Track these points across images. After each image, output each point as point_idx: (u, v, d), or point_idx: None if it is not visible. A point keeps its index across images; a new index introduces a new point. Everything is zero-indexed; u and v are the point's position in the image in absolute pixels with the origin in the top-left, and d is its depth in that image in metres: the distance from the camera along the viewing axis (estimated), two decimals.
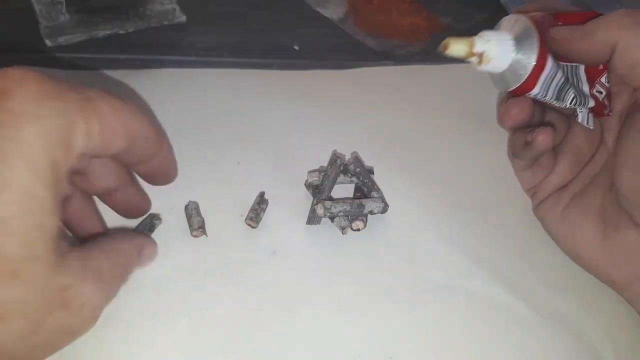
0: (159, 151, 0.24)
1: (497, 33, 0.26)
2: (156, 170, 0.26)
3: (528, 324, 0.29)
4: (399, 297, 0.29)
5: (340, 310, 0.28)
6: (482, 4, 0.52)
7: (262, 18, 0.47)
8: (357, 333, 0.27)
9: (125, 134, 0.21)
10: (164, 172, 0.26)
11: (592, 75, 0.27)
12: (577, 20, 0.26)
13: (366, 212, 0.31)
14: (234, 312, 0.27)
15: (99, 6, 0.43)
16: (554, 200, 0.31)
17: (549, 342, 0.28)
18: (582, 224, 0.29)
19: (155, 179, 0.27)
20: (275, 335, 0.27)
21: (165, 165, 0.26)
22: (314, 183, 0.33)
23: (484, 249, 0.32)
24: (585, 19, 0.26)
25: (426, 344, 0.27)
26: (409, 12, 0.50)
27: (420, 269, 0.30)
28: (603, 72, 0.27)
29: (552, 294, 0.30)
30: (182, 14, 0.45)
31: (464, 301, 0.29)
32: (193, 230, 0.30)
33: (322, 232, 0.32)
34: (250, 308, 0.28)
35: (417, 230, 0.32)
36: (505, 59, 0.26)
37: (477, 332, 0.28)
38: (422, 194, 0.34)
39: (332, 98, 0.40)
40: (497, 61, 0.26)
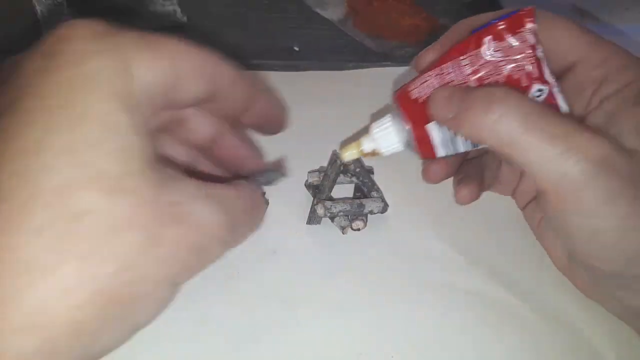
0: (255, 97, 0.24)
1: (380, 124, 0.26)
2: (261, 118, 0.25)
3: (528, 324, 0.29)
4: (400, 296, 0.29)
5: (341, 310, 0.28)
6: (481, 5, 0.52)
7: (262, 19, 0.47)
8: (357, 332, 0.27)
9: (204, 77, 0.21)
10: (271, 119, 0.26)
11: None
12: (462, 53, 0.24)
13: (366, 212, 0.32)
14: (234, 311, 0.27)
15: (100, 7, 0.43)
16: (532, 207, 0.29)
17: (549, 341, 0.28)
18: (553, 239, 0.28)
19: (264, 128, 0.26)
20: (276, 334, 0.27)
21: (270, 111, 0.25)
22: (314, 183, 0.33)
23: (483, 248, 0.32)
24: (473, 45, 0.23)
25: (426, 343, 0.27)
26: (409, 14, 0.50)
27: (420, 269, 0.30)
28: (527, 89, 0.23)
29: (552, 294, 0.30)
30: (183, 15, 0.45)
31: (463, 300, 0.29)
32: None
33: (322, 232, 0.32)
34: (250, 307, 0.28)
35: (417, 230, 0.32)
36: (394, 144, 0.26)
37: (477, 332, 0.28)
38: (422, 194, 0.34)
39: (332, 98, 0.40)
40: (389, 149, 0.26)
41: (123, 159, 0.17)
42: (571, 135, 0.20)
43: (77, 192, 0.16)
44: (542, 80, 0.23)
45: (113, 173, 0.16)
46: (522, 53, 0.23)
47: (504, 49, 0.23)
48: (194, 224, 0.18)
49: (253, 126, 0.26)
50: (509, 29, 0.23)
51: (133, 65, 0.18)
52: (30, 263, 0.15)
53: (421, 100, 0.24)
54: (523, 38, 0.22)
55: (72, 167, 0.16)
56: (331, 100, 0.40)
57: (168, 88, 0.19)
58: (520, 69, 0.23)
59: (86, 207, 0.16)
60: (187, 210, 0.18)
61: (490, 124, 0.21)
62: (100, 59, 0.17)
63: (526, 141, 0.21)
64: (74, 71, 0.17)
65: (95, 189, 0.16)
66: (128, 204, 0.16)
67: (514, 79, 0.23)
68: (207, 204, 0.19)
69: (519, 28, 0.22)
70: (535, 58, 0.23)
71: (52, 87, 0.17)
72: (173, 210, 0.18)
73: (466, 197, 0.27)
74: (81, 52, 0.17)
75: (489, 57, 0.23)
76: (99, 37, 0.18)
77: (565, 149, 0.20)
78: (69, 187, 0.16)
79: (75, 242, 0.15)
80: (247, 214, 0.22)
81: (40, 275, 0.15)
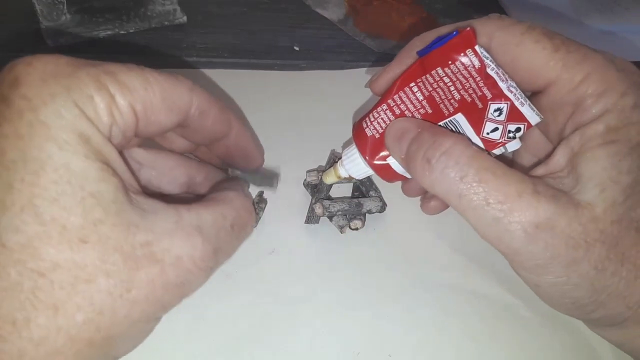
0: (228, 126, 0.23)
1: (348, 154, 0.26)
2: (234, 149, 0.25)
3: (527, 324, 0.29)
4: (397, 295, 0.29)
5: (339, 309, 0.28)
6: (481, 5, 0.52)
7: (262, 18, 0.47)
8: (355, 331, 0.27)
9: (170, 107, 0.20)
10: (243, 152, 0.25)
11: (476, 119, 0.23)
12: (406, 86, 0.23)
13: (364, 211, 0.32)
14: (233, 310, 0.27)
15: (100, 7, 0.43)
16: None
17: (548, 341, 0.28)
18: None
19: (237, 160, 0.26)
20: (274, 333, 0.27)
21: (242, 144, 0.25)
22: (313, 182, 0.33)
23: (482, 247, 0.32)
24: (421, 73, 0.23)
25: (424, 343, 0.27)
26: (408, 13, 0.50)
27: (418, 268, 0.30)
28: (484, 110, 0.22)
29: None
30: (182, 14, 0.45)
31: (462, 300, 0.29)
32: None
33: (320, 231, 0.32)
34: (249, 306, 0.28)
35: (416, 230, 0.32)
36: (364, 170, 0.26)
37: (476, 331, 0.28)
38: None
39: (332, 98, 0.40)
40: (361, 174, 0.26)
41: (85, 209, 0.17)
42: (507, 199, 0.20)
43: (43, 249, 0.16)
44: (499, 98, 0.22)
45: (76, 225, 0.17)
46: (470, 76, 0.22)
47: (450, 74, 0.22)
48: (170, 261, 0.18)
49: (227, 157, 0.26)
50: (451, 55, 0.22)
51: (92, 106, 0.18)
52: (7, 318, 0.16)
53: (378, 137, 0.24)
54: (467, 62, 0.22)
55: (35, 224, 0.16)
56: (331, 99, 0.40)
57: (132, 123, 0.19)
58: (472, 92, 0.22)
59: (53, 261, 0.16)
60: (162, 248, 0.18)
61: (429, 182, 0.22)
62: (57, 103, 0.17)
63: (461, 204, 0.21)
64: (30, 118, 0.17)
65: (59, 243, 0.16)
66: (94, 254, 0.17)
67: (468, 102, 0.22)
68: (185, 237, 0.19)
69: (460, 53, 0.21)
70: (484, 78, 0.22)
71: (9, 139, 0.16)
72: (145, 251, 0.18)
73: (434, 208, 0.27)
74: (38, 97, 0.17)
75: (437, 82, 0.23)
76: (51, 78, 0.17)
77: (497, 216, 0.20)
78: (34, 244, 0.16)
79: (45, 296, 0.16)
80: (233, 232, 0.22)
81: (15, 329, 0.16)
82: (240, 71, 0.41)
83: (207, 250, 0.20)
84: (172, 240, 0.19)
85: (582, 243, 0.20)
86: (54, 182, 0.16)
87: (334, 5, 0.50)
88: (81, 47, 0.41)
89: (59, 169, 0.17)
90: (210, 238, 0.20)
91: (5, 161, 0.16)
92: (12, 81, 0.17)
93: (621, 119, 0.20)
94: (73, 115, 0.17)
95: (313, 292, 0.29)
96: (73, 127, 0.17)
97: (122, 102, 0.18)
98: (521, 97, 0.22)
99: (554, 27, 0.22)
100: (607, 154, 0.20)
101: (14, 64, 0.17)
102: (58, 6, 0.41)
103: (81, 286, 0.17)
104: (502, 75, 0.22)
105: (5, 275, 0.16)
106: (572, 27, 0.49)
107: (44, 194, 0.16)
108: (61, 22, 0.41)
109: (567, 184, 0.21)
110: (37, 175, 0.16)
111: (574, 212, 0.20)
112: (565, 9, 0.51)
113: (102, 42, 0.42)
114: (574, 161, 0.21)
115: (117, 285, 0.17)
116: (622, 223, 0.20)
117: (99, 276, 0.17)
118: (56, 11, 0.41)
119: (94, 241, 0.17)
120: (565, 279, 0.21)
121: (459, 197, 0.21)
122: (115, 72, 0.18)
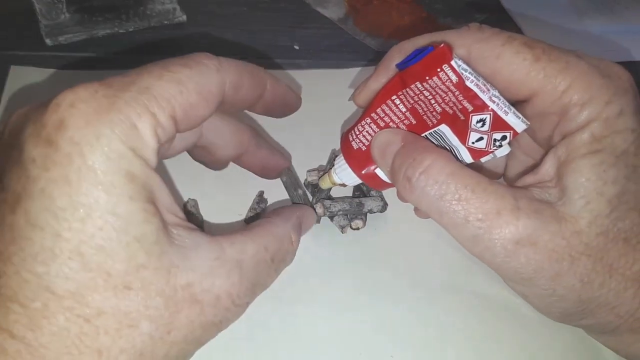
0: (262, 87, 0.23)
1: (339, 163, 0.27)
2: (273, 105, 0.25)
3: (528, 322, 0.29)
4: (399, 295, 0.29)
5: (340, 309, 0.28)
6: (481, 4, 0.52)
7: (262, 18, 0.47)
8: (357, 332, 0.27)
9: (206, 98, 0.20)
10: (282, 103, 0.26)
11: (461, 130, 0.23)
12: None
13: (365, 211, 0.32)
14: None
15: (99, 5, 0.43)
16: None
17: (549, 340, 0.28)
18: None
19: (277, 112, 0.26)
20: (275, 334, 0.27)
21: (279, 96, 0.25)
22: (313, 182, 0.33)
23: None
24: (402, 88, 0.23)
25: (426, 343, 0.27)
26: (409, 12, 0.50)
27: (419, 268, 0.30)
28: (466, 121, 0.22)
29: None
30: (182, 13, 0.45)
31: (463, 299, 0.29)
32: None
33: (321, 231, 0.32)
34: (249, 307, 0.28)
35: (417, 229, 0.32)
36: (355, 179, 0.26)
37: (477, 331, 0.28)
38: None
39: (332, 98, 0.40)
40: (352, 182, 0.27)
41: (129, 254, 0.17)
42: (486, 217, 0.20)
43: (90, 296, 0.17)
44: (481, 109, 0.21)
45: (120, 271, 0.17)
46: (448, 90, 0.21)
47: (429, 89, 0.22)
48: (209, 301, 0.19)
49: (267, 113, 0.26)
50: (427, 71, 0.21)
51: (138, 139, 0.18)
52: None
53: (364, 149, 0.25)
54: (444, 77, 0.21)
55: (82, 272, 0.17)
56: (331, 98, 0.40)
57: (174, 130, 0.19)
58: (452, 105, 0.22)
59: (98, 307, 0.17)
60: (202, 289, 0.19)
61: (411, 199, 0.22)
62: (103, 144, 0.17)
63: (442, 221, 0.21)
64: (79, 164, 0.17)
65: (105, 290, 0.17)
66: (137, 300, 0.18)
67: (450, 114, 0.22)
68: (225, 275, 0.20)
69: (436, 69, 0.21)
70: (464, 91, 0.21)
71: (58, 185, 0.17)
72: (186, 293, 0.19)
73: (425, 214, 0.27)
74: (84, 140, 0.17)
75: (418, 95, 0.22)
76: (99, 116, 0.17)
77: (477, 233, 0.20)
78: (81, 292, 0.17)
79: (91, 340, 0.17)
80: (272, 264, 0.22)
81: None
82: None
83: (245, 287, 0.20)
84: (212, 279, 0.19)
85: (567, 257, 0.20)
86: (100, 229, 0.17)
87: (334, 4, 0.50)
88: (80, 46, 0.41)
89: (105, 214, 0.17)
90: (249, 273, 0.20)
91: (54, 208, 0.17)
92: (58, 124, 0.17)
93: (606, 127, 0.20)
94: (119, 154, 0.17)
95: (314, 292, 0.29)
96: (119, 168, 0.17)
97: (163, 117, 0.18)
98: (505, 106, 0.21)
99: (555, 27, 0.22)
100: (591, 165, 0.20)
101: (57, 104, 0.17)
102: (57, 5, 0.40)
103: (125, 331, 0.17)
104: (483, 85, 0.21)
105: (55, 321, 0.17)
106: (572, 27, 0.49)
107: (90, 242, 0.17)
108: (60, 21, 0.41)
109: (554, 195, 0.21)
110: (83, 223, 0.17)
111: (557, 226, 0.20)
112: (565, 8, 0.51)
113: (102, 41, 0.42)
114: (560, 171, 0.21)
115: (158, 329, 0.18)
116: (609, 235, 0.20)
117: (142, 321, 0.18)
118: (55, 10, 0.41)
119: (137, 288, 0.18)
120: (550, 292, 0.21)
121: (440, 214, 0.21)
122: (150, 87, 0.18)
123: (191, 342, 0.19)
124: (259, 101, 0.24)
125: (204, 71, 0.20)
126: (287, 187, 0.31)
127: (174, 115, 0.19)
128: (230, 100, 0.22)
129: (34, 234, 0.17)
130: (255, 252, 0.21)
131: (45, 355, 0.17)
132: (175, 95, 0.19)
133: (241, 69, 0.22)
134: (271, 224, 0.23)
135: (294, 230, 0.24)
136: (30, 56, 0.40)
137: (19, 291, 0.17)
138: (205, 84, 0.20)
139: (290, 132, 0.37)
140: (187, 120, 0.20)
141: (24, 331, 0.17)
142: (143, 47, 0.42)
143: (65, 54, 0.40)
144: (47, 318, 0.17)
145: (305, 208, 0.28)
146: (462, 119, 0.22)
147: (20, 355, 0.17)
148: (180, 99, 0.19)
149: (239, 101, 0.22)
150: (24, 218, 0.17)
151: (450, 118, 0.22)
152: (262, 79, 0.23)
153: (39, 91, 0.37)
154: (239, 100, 0.22)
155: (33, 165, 0.17)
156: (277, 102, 0.25)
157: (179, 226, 0.19)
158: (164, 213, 0.19)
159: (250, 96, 0.23)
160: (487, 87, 0.21)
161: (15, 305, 0.17)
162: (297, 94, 0.27)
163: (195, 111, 0.20)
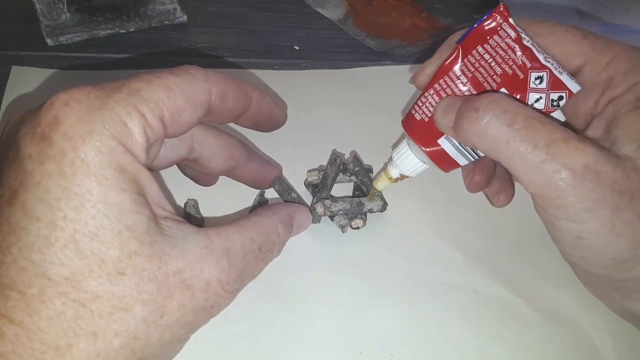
0: (248, 100, 0.24)
1: (398, 152, 0.27)
2: (259, 117, 0.26)
3: (527, 321, 0.29)
4: (399, 294, 0.29)
5: (341, 308, 0.28)
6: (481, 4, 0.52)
7: (262, 18, 0.47)
8: (357, 330, 0.27)
9: (193, 105, 0.21)
10: (268, 117, 0.27)
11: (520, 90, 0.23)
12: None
13: (365, 211, 0.32)
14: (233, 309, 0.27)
15: (100, 5, 0.43)
16: None
17: (549, 338, 0.28)
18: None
19: (264, 126, 0.27)
20: (276, 333, 0.27)
21: (265, 110, 0.26)
22: (314, 182, 0.33)
23: (482, 246, 0.32)
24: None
25: (426, 341, 0.27)
26: (409, 13, 0.50)
27: (419, 267, 0.30)
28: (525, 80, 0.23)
29: (551, 291, 0.30)
30: (182, 13, 0.45)
31: (463, 298, 0.29)
32: None
33: (321, 230, 0.32)
34: (250, 306, 0.28)
35: (417, 228, 0.32)
36: (417, 165, 0.27)
37: (477, 329, 0.28)
38: (421, 192, 0.34)
39: (332, 98, 0.40)
40: (414, 171, 0.27)
41: (122, 242, 0.18)
42: (554, 144, 0.21)
43: (85, 281, 0.18)
44: (538, 67, 0.23)
45: (114, 258, 0.18)
46: (508, 48, 0.23)
47: (490, 50, 0.23)
48: (199, 286, 0.20)
49: (254, 126, 0.27)
50: (488, 31, 0.23)
51: (127, 133, 0.19)
52: (51, 343, 0.17)
53: (427, 120, 0.25)
54: (504, 35, 0.23)
55: (77, 259, 0.18)
56: (331, 99, 0.40)
57: (162, 133, 0.20)
58: (512, 63, 0.23)
59: (93, 292, 0.18)
60: (192, 274, 0.20)
61: (477, 132, 0.22)
62: (95, 139, 0.18)
63: (509, 150, 0.21)
64: (72, 157, 0.18)
65: (99, 276, 0.18)
66: (131, 285, 0.18)
67: (509, 75, 0.23)
68: (214, 262, 0.21)
69: (497, 27, 0.23)
70: (522, 49, 0.23)
71: (53, 178, 0.18)
72: (177, 279, 0.19)
73: (478, 185, 0.28)
74: (77, 135, 0.18)
75: (478, 61, 0.24)
76: (91, 114, 0.18)
77: (545, 158, 0.21)
78: (77, 277, 0.18)
79: (86, 323, 0.18)
80: (260, 254, 0.23)
81: (58, 353, 0.17)
82: (240, 70, 0.41)
83: (234, 274, 0.21)
84: (201, 266, 0.20)
85: (626, 191, 0.21)
86: (93, 217, 0.18)
87: (334, 4, 0.50)
88: (81, 46, 0.41)
89: (98, 204, 0.18)
90: (237, 261, 0.22)
91: (49, 199, 0.18)
92: (52, 120, 0.18)
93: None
94: (110, 149, 0.18)
95: (314, 292, 0.29)
96: (110, 161, 0.18)
97: (151, 118, 0.19)
98: (559, 67, 0.23)
99: None
100: (639, 116, 0.22)
101: (51, 103, 0.18)
102: (58, 5, 0.41)
103: (119, 314, 0.18)
104: (538, 47, 0.23)
105: (51, 305, 0.17)
106: None
107: (84, 230, 0.18)
108: (61, 21, 0.41)
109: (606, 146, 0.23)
110: (78, 212, 0.18)
111: (618, 160, 0.21)
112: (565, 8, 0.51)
113: (102, 41, 0.42)
114: (609, 129, 0.23)
115: (151, 312, 0.19)
116: None
117: (135, 305, 0.18)
118: (56, 10, 0.41)
119: (130, 273, 0.18)
120: (610, 227, 0.21)
121: (507, 142, 0.21)
122: (139, 90, 0.19)
123: (184, 326, 0.20)
124: (245, 113, 0.25)
125: (191, 79, 0.21)
126: (280, 194, 0.32)
127: (162, 117, 0.20)
128: (217, 110, 0.23)
129: (30, 225, 0.18)
130: (242, 242, 0.22)
131: (42, 339, 0.17)
132: (163, 99, 0.20)
133: (227, 80, 0.23)
134: (259, 216, 0.24)
135: (281, 223, 0.25)
136: (31, 56, 0.40)
137: (17, 279, 0.17)
138: (192, 91, 0.21)
139: (290, 132, 0.37)
140: (175, 125, 0.21)
141: (22, 316, 0.17)
142: (144, 47, 0.42)
143: (66, 54, 0.41)
144: (44, 303, 0.17)
145: (297, 205, 0.28)
146: (522, 78, 0.23)
147: (19, 339, 0.17)
148: (168, 103, 0.20)
149: (226, 111, 0.23)
150: (21, 210, 0.18)
151: (509, 79, 0.23)
152: (248, 91, 0.24)
153: (40, 91, 0.37)
154: (226, 110, 0.23)
155: (29, 160, 0.18)
156: (263, 115, 0.26)
157: (168, 219, 0.20)
158: (153, 206, 0.20)
159: (237, 107, 0.24)
160: (541, 49, 0.23)
161: (14, 292, 0.17)
162: (282, 110, 0.28)
163: (183, 116, 0.21)
